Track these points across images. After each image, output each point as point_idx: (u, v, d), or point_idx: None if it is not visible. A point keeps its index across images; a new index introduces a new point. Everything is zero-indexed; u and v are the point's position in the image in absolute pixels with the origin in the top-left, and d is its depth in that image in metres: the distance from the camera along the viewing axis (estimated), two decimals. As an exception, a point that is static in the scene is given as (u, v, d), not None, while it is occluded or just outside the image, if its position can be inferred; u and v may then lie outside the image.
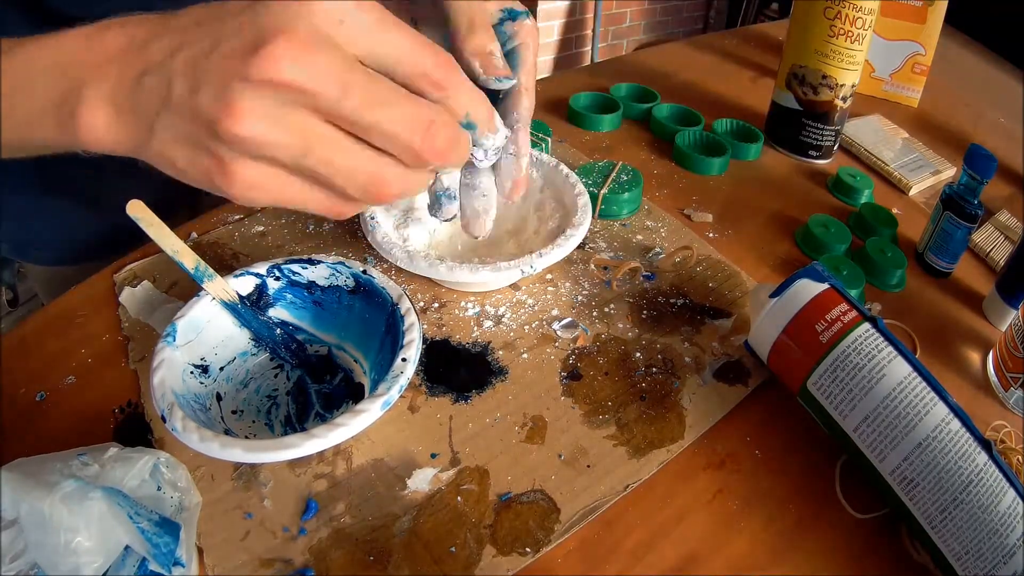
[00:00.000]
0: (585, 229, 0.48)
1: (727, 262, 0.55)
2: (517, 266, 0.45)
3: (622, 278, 0.52)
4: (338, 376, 0.43)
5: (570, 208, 0.51)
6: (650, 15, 2.80)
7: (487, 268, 0.45)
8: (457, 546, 0.35)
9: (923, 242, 0.59)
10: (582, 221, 0.48)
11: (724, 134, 0.72)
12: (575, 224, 0.48)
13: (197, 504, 0.35)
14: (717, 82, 0.86)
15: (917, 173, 0.71)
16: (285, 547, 0.35)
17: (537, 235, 0.52)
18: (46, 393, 0.41)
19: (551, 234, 0.50)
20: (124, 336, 0.45)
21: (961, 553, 0.34)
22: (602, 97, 0.76)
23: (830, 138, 0.70)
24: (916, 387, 0.36)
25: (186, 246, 0.39)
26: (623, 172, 0.60)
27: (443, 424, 0.41)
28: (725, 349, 0.47)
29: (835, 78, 0.66)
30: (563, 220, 0.51)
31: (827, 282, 0.41)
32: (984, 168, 0.53)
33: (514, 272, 0.45)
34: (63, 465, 0.31)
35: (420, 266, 0.44)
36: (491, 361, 0.45)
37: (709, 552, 0.36)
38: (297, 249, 0.52)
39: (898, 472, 0.36)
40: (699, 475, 0.40)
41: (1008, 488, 0.34)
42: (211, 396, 0.39)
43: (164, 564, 0.30)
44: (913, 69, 0.85)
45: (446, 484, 0.38)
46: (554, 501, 0.37)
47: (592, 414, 0.42)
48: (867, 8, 0.62)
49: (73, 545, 0.27)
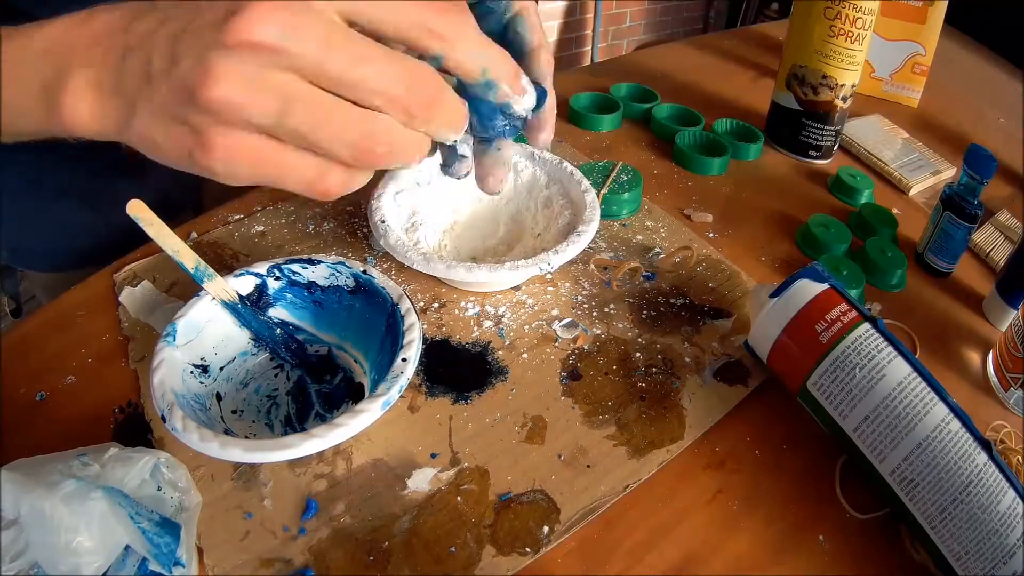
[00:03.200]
0: (596, 225, 0.48)
1: (727, 262, 0.55)
2: (535, 263, 0.45)
3: (622, 278, 0.52)
4: (338, 376, 0.43)
5: (578, 204, 0.51)
6: (650, 15, 2.80)
7: (505, 267, 0.44)
8: (457, 546, 0.35)
9: (923, 242, 0.59)
10: (592, 217, 0.49)
11: (724, 134, 0.72)
12: (586, 220, 0.48)
13: (197, 504, 0.35)
14: (717, 82, 0.86)
15: (917, 173, 0.71)
16: (285, 547, 0.35)
17: (548, 231, 0.52)
18: (46, 393, 0.41)
19: (562, 230, 0.51)
20: (124, 336, 0.45)
21: (961, 553, 0.34)
22: (602, 97, 0.76)
23: (830, 138, 0.70)
24: (916, 387, 0.36)
25: (186, 246, 0.39)
26: (623, 172, 0.60)
27: (443, 424, 0.41)
28: (725, 349, 0.47)
29: (835, 78, 0.66)
30: (573, 217, 0.51)
31: (827, 282, 0.41)
32: (984, 168, 0.53)
33: (532, 270, 0.45)
34: (63, 465, 0.31)
35: (437, 268, 0.44)
36: (491, 361, 0.45)
37: (709, 552, 0.36)
38: (297, 249, 0.52)
39: (898, 472, 0.36)
40: (699, 475, 0.40)
41: (1008, 488, 0.34)
42: (211, 396, 0.39)
43: (165, 564, 0.30)
44: (913, 69, 0.85)
45: (446, 484, 0.38)
46: (554, 501, 0.37)
47: (592, 414, 0.42)
48: (867, 8, 0.62)
49: (74, 545, 0.27)
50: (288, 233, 0.54)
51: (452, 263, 0.44)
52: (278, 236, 0.53)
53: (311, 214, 0.56)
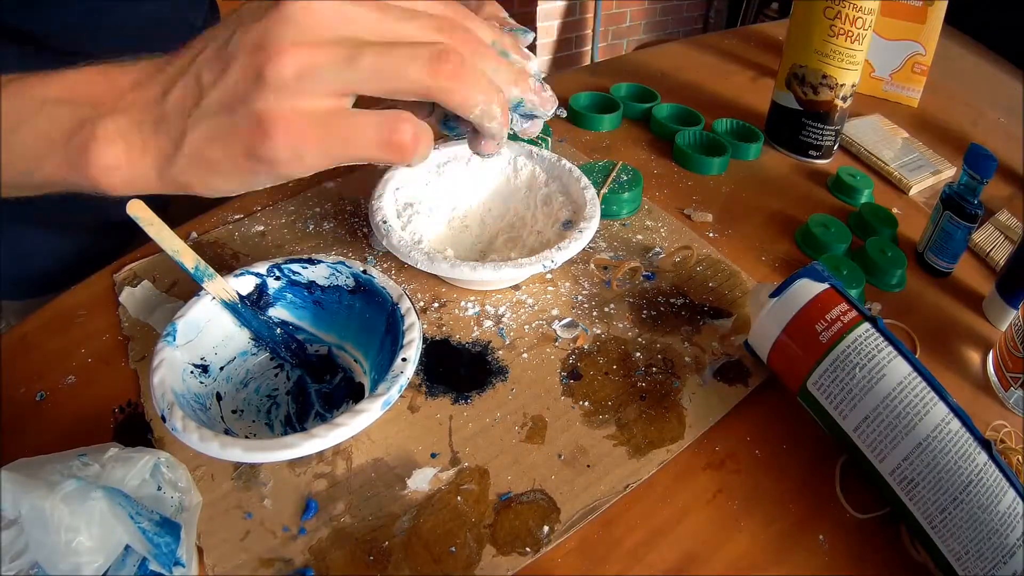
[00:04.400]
0: (597, 221, 0.49)
1: (727, 262, 0.55)
2: (539, 261, 0.45)
3: (622, 278, 0.52)
4: (338, 376, 0.43)
5: (578, 201, 0.51)
6: (650, 15, 2.80)
7: (509, 265, 0.44)
8: (457, 546, 0.35)
9: (923, 242, 0.59)
10: (593, 213, 0.49)
11: (724, 134, 0.72)
12: (587, 216, 0.49)
13: (197, 504, 0.35)
14: (717, 82, 0.86)
15: (917, 173, 0.71)
16: (285, 547, 0.35)
17: (549, 229, 0.52)
18: (46, 393, 0.41)
19: (563, 228, 0.51)
20: (124, 336, 0.45)
21: (961, 553, 0.34)
22: (602, 97, 0.76)
23: (830, 138, 0.70)
24: (916, 387, 0.36)
25: (186, 245, 0.39)
26: (623, 172, 0.60)
27: (443, 424, 0.41)
28: (725, 349, 0.47)
29: (835, 78, 0.66)
30: (573, 214, 0.51)
31: (827, 282, 0.41)
32: (984, 168, 0.53)
33: (535, 267, 0.45)
34: (64, 465, 0.31)
35: (441, 267, 0.44)
36: (491, 361, 0.45)
37: (709, 552, 0.36)
38: (297, 249, 0.52)
39: (898, 472, 0.36)
40: (699, 475, 0.40)
41: (1008, 488, 0.34)
42: (211, 396, 0.39)
43: (165, 564, 0.30)
44: (913, 69, 0.85)
45: (446, 484, 0.38)
46: (554, 501, 0.37)
47: (592, 414, 0.42)
48: (867, 8, 0.62)
49: (74, 545, 0.27)
50: (288, 233, 0.54)
51: (456, 262, 0.44)
52: (278, 236, 0.53)
53: (311, 214, 0.56)
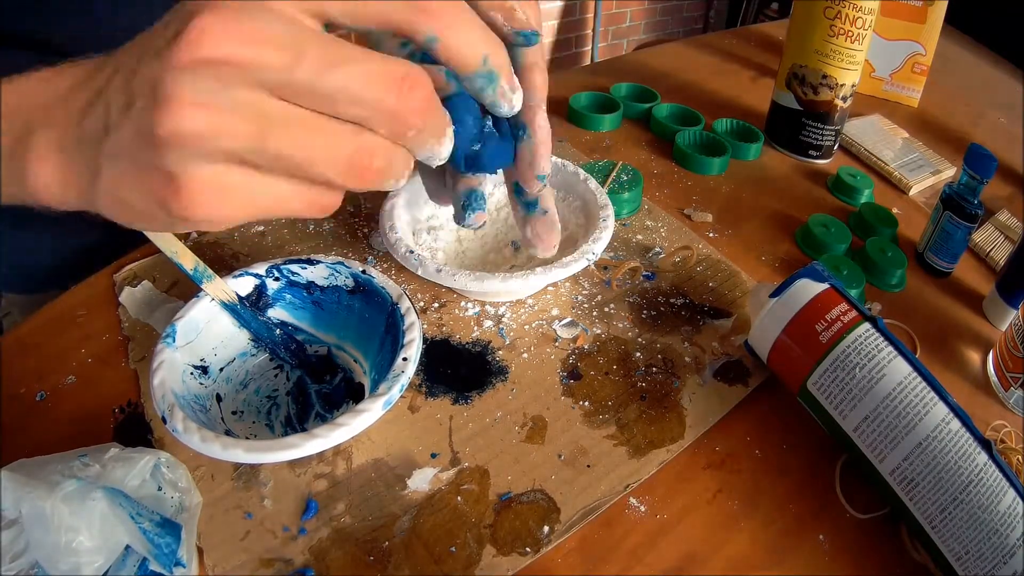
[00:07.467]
0: (611, 208, 0.49)
1: (727, 262, 0.55)
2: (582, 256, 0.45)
3: (622, 278, 0.52)
4: (338, 376, 0.43)
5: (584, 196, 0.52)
6: (650, 15, 2.80)
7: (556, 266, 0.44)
8: (457, 546, 0.35)
9: (923, 242, 0.59)
10: (606, 202, 0.50)
11: (724, 134, 0.72)
12: (602, 205, 0.49)
13: (198, 504, 0.35)
14: (717, 82, 0.86)
15: (917, 173, 0.71)
16: (285, 547, 0.35)
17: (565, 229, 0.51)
18: (46, 393, 0.41)
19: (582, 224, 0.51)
20: (124, 336, 0.45)
21: (961, 553, 0.34)
22: (602, 97, 0.76)
23: (830, 138, 0.70)
24: (916, 387, 0.36)
25: (184, 247, 0.39)
26: (623, 172, 0.60)
27: (443, 424, 0.41)
28: (725, 349, 0.47)
29: (835, 78, 0.66)
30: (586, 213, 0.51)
31: (827, 282, 0.41)
32: (984, 168, 0.53)
33: (580, 263, 0.44)
34: (64, 465, 0.31)
35: (461, 281, 0.43)
36: (491, 361, 0.45)
37: (709, 552, 0.36)
38: (297, 249, 0.52)
39: (898, 472, 0.36)
40: (699, 475, 0.40)
41: (1008, 488, 0.34)
42: (211, 397, 0.39)
43: (166, 564, 0.30)
44: (913, 69, 0.85)
45: (446, 484, 0.38)
46: (554, 501, 0.37)
47: (592, 414, 0.42)
48: (867, 8, 0.62)
49: (74, 545, 0.27)
50: (288, 233, 0.54)
51: (482, 274, 0.43)
52: (278, 236, 0.53)
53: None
